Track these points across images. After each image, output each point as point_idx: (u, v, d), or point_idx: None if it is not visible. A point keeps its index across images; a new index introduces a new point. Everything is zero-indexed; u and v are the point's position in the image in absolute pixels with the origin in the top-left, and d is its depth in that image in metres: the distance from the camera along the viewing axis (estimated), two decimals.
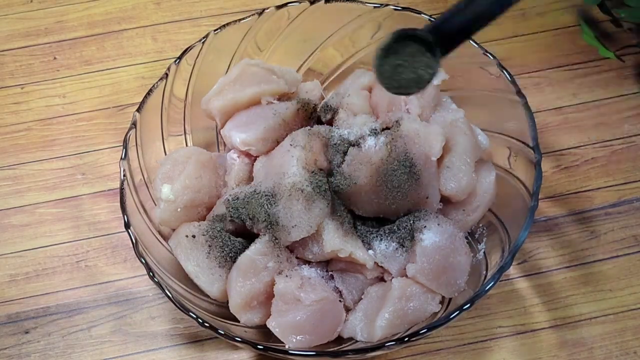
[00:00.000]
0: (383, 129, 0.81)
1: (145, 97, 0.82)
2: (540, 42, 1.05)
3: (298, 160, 0.77)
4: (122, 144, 0.79)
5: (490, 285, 0.71)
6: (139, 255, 0.74)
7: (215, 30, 0.86)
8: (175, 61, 0.84)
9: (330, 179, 0.78)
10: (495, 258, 0.76)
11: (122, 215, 0.76)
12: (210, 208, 0.82)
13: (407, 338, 0.70)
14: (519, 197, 0.77)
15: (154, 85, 0.83)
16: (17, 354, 0.84)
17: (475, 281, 0.77)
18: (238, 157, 0.85)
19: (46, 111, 1.01)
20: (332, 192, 0.78)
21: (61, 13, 1.10)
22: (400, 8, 0.86)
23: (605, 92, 1.00)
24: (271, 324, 0.74)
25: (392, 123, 0.80)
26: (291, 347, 0.73)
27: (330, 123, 0.87)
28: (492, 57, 0.82)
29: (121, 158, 0.79)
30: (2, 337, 0.85)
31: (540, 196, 0.76)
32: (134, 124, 0.81)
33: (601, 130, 0.97)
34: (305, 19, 0.88)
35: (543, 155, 0.80)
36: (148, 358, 0.83)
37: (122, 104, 1.02)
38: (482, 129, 0.85)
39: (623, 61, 1.01)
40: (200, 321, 0.71)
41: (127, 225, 0.75)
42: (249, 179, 0.84)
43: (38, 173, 0.96)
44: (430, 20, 0.85)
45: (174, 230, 0.81)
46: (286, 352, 0.72)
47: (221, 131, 0.85)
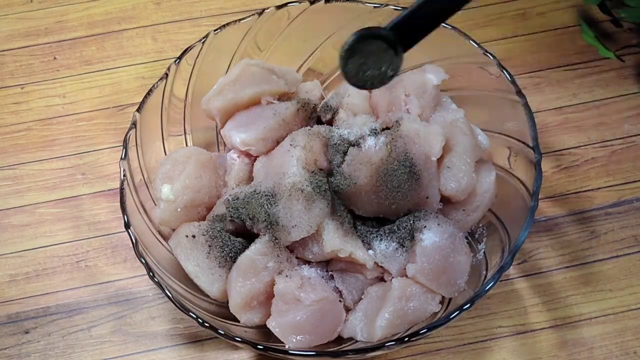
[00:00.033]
0: (383, 129, 0.81)
1: (145, 97, 0.82)
2: (540, 42, 1.05)
3: (298, 160, 0.77)
4: (122, 144, 0.79)
5: (490, 285, 0.71)
6: (139, 255, 0.74)
7: (215, 30, 0.86)
8: (175, 61, 0.84)
9: (330, 179, 0.78)
10: (495, 258, 0.76)
11: (122, 215, 0.76)
12: (210, 208, 0.82)
13: (407, 338, 0.70)
14: (519, 197, 0.77)
15: (154, 85, 0.83)
16: (17, 354, 0.84)
17: (475, 281, 0.77)
18: (238, 157, 0.85)
19: (46, 111, 1.01)
20: (332, 192, 0.78)
21: (61, 13, 1.10)
22: (400, 8, 0.86)
23: (605, 92, 1.00)
24: (271, 324, 0.74)
25: (392, 123, 0.80)
26: (291, 347, 0.73)
27: (330, 123, 0.87)
28: (492, 57, 0.82)
29: (121, 158, 0.79)
30: (2, 337, 0.85)
31: (540, 196, 0.76)
32: (134, 124, 0.81)
33: (601, 130, 0.97)
34: (305, 19, 0.88)
35: (543, 155, 0.80)
36: (148, 358, 0.84)
37: (122, 104, 1.02)
38: (482, 129, 0.85)
39: (623, 61, 1.01)
40: (200, 321, 0.71)
41: (127, 225, 0.75)
42: (249, 179, 0.84)
43: (38, 173, 0.96)
44: None
45: (174, 230, 0.81)
46: (286, 352, 0.72)
47: (221, 131, 0.85)
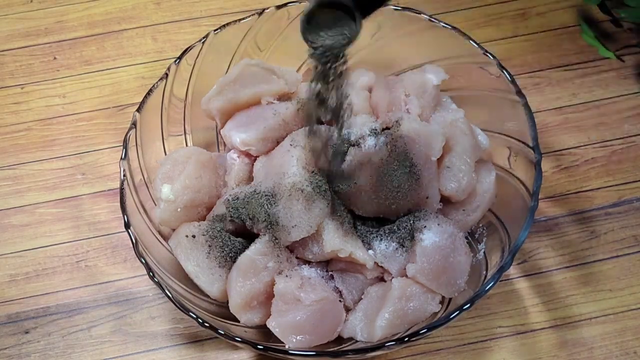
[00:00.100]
0: (383, 129, 0.81)
1: (145, 97, 0.82)
2: (540, 42, 1.05)
3: (298, 160, 0.77)
4: (122, 144, 0.79)
5: (490, 285, 0.71)
6: (139, 255, 0.74)
7: (215, 30, 0.86)
8: (175, 61, 0.84)
9: (330, 179, 0.78)
10: (495, 258, 0.76)
11: (122, 215, 0.76)
12: (210, 208, 0.82)
13: (407, 338, 0.70)
14: (519, 197, 0.77)
15: (154, 85, 0.83)
16: (17, 354, 0.84)
17: (475, 281, 0.77)
18: (238, 157, 0.84)
19: (46, 111, 1.01)
20: (332, 192, 0.78)
21: (61, 13, 1.10)
22: (400, 8, 0.86)
23: (605, 92, 1.00)
24: (271, 324, 0.74)
25: (392, 123, 0.80)
26: (291, 347, 0.73)
27: (330, 123, 0.86)
28: (492, 57, 0.82)
29: (121, 158, 0.79)
30: (2, 337, 0.85)
31: (540, 196, 0.76)
32: (134, 124, 0.81)
33: (601, 130, 0.97)
34: None
35: (543, 155, 0.80)
36: (148, 358, 0.83)
37: (122, 104, 1.02)
38: (482, 129, 0.85)
39: (623, 61, 1.01)
40: (200, 321, 0.71)
41: (127, 225, 0.75)
42: (249, 179, 0.84)
43: (38, 173, 0.96)
44: (430, 20, 0.85)
45: (174, 230, 0.81)
46: (286, 352, 0.72)
47: (221, 131, 0.85)
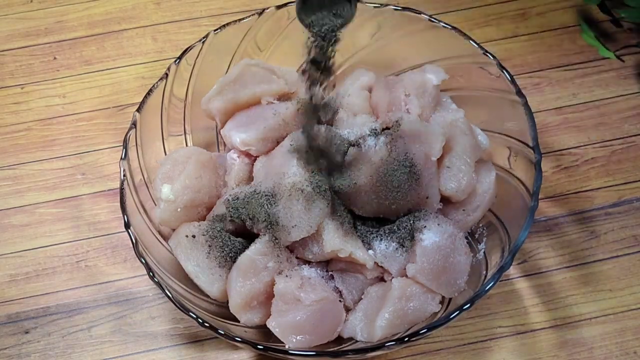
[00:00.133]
0: (383, 129, 0.81)
1: (145, 97, 0.82)
2: (540, 42, 1.05)
3: (298, 160, 0.77)
4: (122, 144, 0.79)
5: (490, 285, 0.71)
6: (139, 255, 0.74)
7: (215, 30, 0.86)
8: (175, 61, 0.84)
9: (330, 179, 0.78)
10: (495, 258, 0.76)
11: (122, 215, 0.76)
12: (210, 208, 0.82)
13: (407, 338, 0.70)
14: (519, 197, 0.77)
15: (154, 85, 0.83)
16: (17, 354, 0.84)
17: (475, 281, 0.77)
18: (238, 157, 0.84)
19: (46, 111, 1.01)
20: (332, 192, 0.78)
21: (61, 13, 1.10)
22: (400, 8, 0.86)
23: (605, 92, 1.00)
24: (271, 324, 0.74)
25: (392, 123, 0.80)
26: (291, 347, 0.73)
27: (330, 123, 0.87)
28: (492, 57, 0.82)
29: (121, 158, 0.79)
30: (2, 337, 0.85)
31: (540, 196, 0.76)
32: (134, 124, 0.81)
33: (601, 130, 0.97)
34: None
35: (543, 155, 0.80)
36: (148, 358, 0.83)
37: (122, 104, 1.02)
38: (482, 129, 0.85)
39: (623, 61, 1.01)
40: (200, 321, 0.71)
41: (127, 225, 0.75)
42: (249, 179, 0.84)
43: (38, 173, 0.96)
44: (430, 20, 0.85)
45: (174, 230, 0.81)
46: (286, 352, 0.72)
47: (221, 131, 0.85)
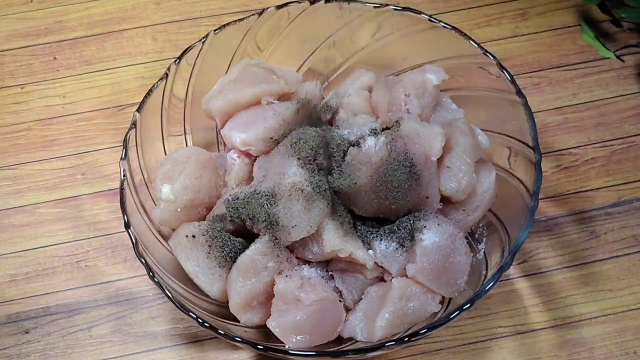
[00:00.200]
0: (383, 129, 0.81)
1: (145, 97, 0.82)
2: (540, 42, 1.05)
3: (298, 160, 0.77)
4: (122, 144, 0.79)
5: (490, 285, 0.71)
6: (139, 255, 0.74)
7: (215, 30, 0.86)
8: (175, 61, 0.84)
9: (330, 179, 0.78)
10: (495, 258, 0.76)
11: (122, 215, 0.76)
12: (210, 208, 0.82)
13: (407, 338, 0.70)
14: (519, 197, 0.77)
15: (154, 85, 0.83)
16: (17, 354, 0.84)
17: (475, 281, 0.76)
18: (238, 157, 0.84)
19: (46, 111, 1.01)
20: (332, 192, 0.78)
21: (61, 13, 1.10)
22: (400, 8, 0.86)
23: (605, 92, 1.00)
24: (271, 324, 0.74)
25: (392, 123, 0.80)
26: (291, 347, 0.73)
27: (330, 123, 0.87)
28: (492, 57, 0.82)
29: (121, 158, 0.79)
30: (2, 337, 0.85)
31: (540, 196, 0.76)
32: (134, 124, 0.81)
33: (601, 130, 0.97)
34: (305, 19, 0.88)
35: (543, 155, 0.80)
36: (148, 358, 0.83)
37: (122, 104, 1.02)
38: (482, 129, 0.85)
39: (623, 61, 1.01)
40: (200, 321, 0.71)
41: (127, 225, 0.75)
42: (249, 179, 0.84)
43: (38, 173, 0.96)
44: (430, 20, 0.85)
45: (174, 230, 0.81)
46: (286, 352, 0.72)
47: (221, 131, 0.85)
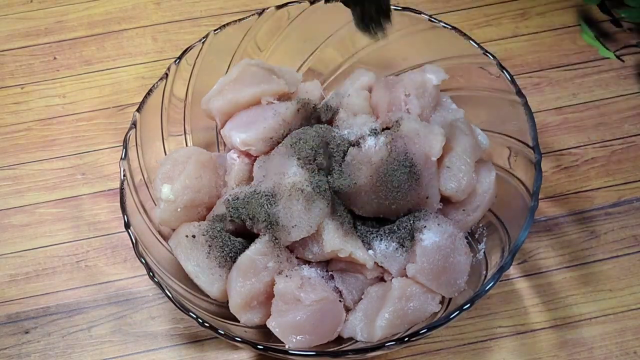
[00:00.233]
0: (383, 129, 0.81)
1: (145, 97, 0.82)
2: (540, 42, 1.05)
3: (298, 160, 0.77)
4: (122, 144, 0.79)
5: (490, 285, 0.71)
6: (139, 255, 0.74)
7: (215, 30, 0.86)
8: (175, 61, 0.84)
9: (330, 179, 0.78)
10: (495, 258, 0.76)
11: (122, 215, 0.76)
12: (210, 208, 0.82)
13: (407, 338, 0.70)
14: (519, 197, 0.77)
15: (154, 85, 0.83)
16: (17, 354, 0.84)
17: (475, 281, 0.76)
18: (238, 157, 0.84)
19: (46, 111, 1.01)
20: (332, 192, 0.78)
21: (61, 13, 1.10)
22: (400, 8, 0.86)
23: (605, 92, 1.00)
24: (271, 324, 0.74)
25: (392, 123, 0.80)
26: (291, 347, 0.73)
27: (330, 123, 0.87)
28: (492, 57, 0.82)
29: (121, 158, 0.79)
30: (2, 337, 0.85)
31: (540, 196, 0.76)
32: (134, 124, 0.81)
33: (601, 130, 0.97)
34: (305, 19, 0.88)
35: (543, 155, 0.80)
36: (148, 358, 0.83)
37: (122, 104, 1.02)
38: (482, 129, 0.85)
39: (623, 61, 1.01)
40: (200, 321, 0.71)
41: (127, 225, 0.75)
42: (249, 179, 0.84)
43: (38, 173, 0.96)
44: (430, 20, 0.85)
45: (174, 230, 0.81)
46: (286, 352, 0.72)
47: (221, 131, 0.85)
